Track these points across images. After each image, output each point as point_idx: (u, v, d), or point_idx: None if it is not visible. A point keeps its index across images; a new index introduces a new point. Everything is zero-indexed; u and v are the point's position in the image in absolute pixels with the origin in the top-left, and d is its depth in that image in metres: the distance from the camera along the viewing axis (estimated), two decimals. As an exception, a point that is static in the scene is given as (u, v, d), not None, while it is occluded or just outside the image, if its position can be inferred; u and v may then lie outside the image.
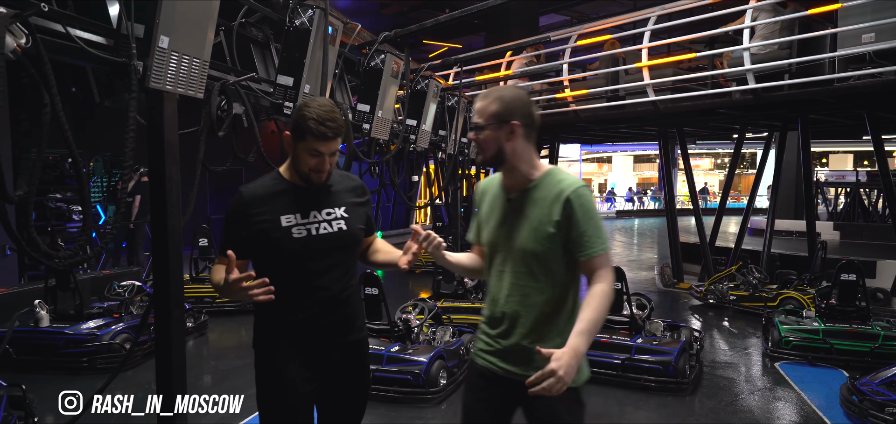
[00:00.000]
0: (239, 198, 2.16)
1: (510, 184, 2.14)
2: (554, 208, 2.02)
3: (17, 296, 6.32)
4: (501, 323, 2.12)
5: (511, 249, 2.09)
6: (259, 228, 2.12)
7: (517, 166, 2.09)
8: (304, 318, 2.18)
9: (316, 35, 4.06)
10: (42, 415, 4.50)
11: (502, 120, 2.05)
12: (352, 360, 2.31)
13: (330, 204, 2.23)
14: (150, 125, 3.09)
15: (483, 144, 2.08)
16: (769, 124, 9.86)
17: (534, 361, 2.01)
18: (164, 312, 3.15)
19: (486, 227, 2.19)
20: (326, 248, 2.19)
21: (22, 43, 2.32)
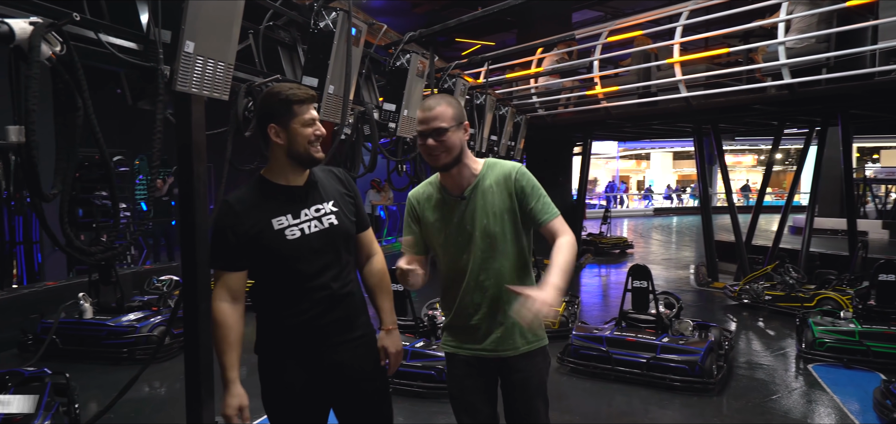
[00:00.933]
0: (226, 206, 2.12)
1: (457, 184, 2.28)
2: (506, 190, 2.25)
3: (64, 289, 6.64)
4: (481, 308, 2.27)
5: (475, 239, 2.25)
6: (250, 234, 2.08)
7: (466, 164, 2.27)
8: (304, 320, 2.13)
9: (339, 37, 4.15)
10: (84, 402, 4.73)
11: (460, 121, 2.22)
12: (360, 357, 2.24)
13: (318, 200, 2.19)
14: (178, 126, 3.22)
15: (449, 145, 2.19)
16: (809, 120, 9.59)
17: (515, 336, 2.28)
18: (191, 305, 3.28)
19: (436, 230, 2.32)
20: (321, 246, 2.14)
21: (57, 50, 2.45)
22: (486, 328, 2.28)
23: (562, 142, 12.42)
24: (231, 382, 2.10)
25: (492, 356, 2.30)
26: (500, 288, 2.25)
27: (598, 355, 5.28)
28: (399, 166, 6.10)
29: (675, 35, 7.88)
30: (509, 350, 2.28)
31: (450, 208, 2.29)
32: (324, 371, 2.19)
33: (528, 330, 2.28)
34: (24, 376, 4.13)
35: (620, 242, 14.46)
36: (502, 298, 2.24)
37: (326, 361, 2.18)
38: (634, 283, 5.66)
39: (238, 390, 2.10)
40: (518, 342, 2.29)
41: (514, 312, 2.04)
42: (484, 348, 2.29)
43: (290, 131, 2.11)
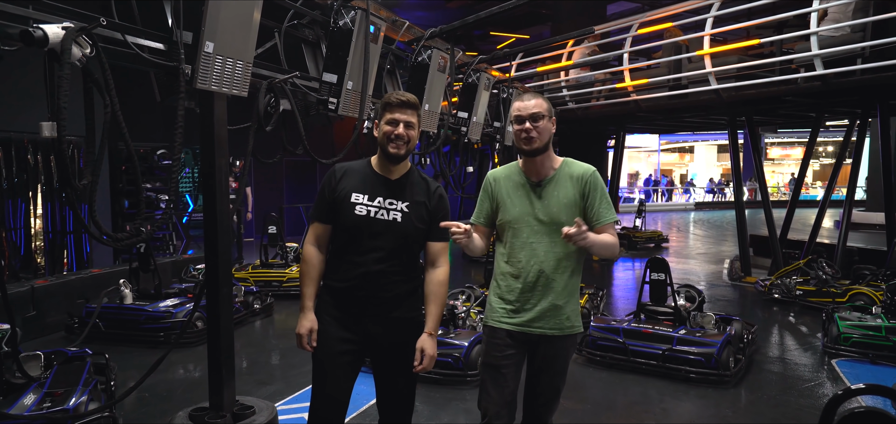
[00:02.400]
0: (332, 170, 2.56)
1: (536, 172, 2.58)
2: (577, 187, 2.54)
3: (108, 276, 7.02)
4: (535, 288, 2.53)
5: (544, 222, 2.52)
6: (337, 195, 2.47)
7: (548, 155, 2.57)
8: (344, 288, 2.47)
9: (358, 34, 4.32)
10: (123, 381, 5.04)
11: (552, 114, 2.56)
12: (393, 334, 2.50)
13: (397, 196, 2.48)
14: (202, 122, 3.44)
15: (542, 131, 2.50)
16: (848, 111, 9.34)
17: (561, 317, 2.54)
18: (213, 289, 3.51)
19: (509, 208, 2.58)
20: (377, 231, 2.44)
21: (87, 52, 2.68)
22: (538, 306, 2.53)
23: (594, 135, 12.39)
24: (307, 309, 2.49)
25: (537, 332, 2.54)
26: (556, 272, 2.52)
27: (614, 346, 5.33)
28: (422, 159, 6.25)
29: (706, 26, 7.80)
30: (554, 330, 2.54)
31: (526, 191, 2.58)
32: (360, 334, 2.48)
33: (572, 315, 2.56)
34: (68, 355, 4.45)
35: (655, 236, 14.31)
36: (556, 281, 2.52)
37: (362, 327, 2.48)
38: (652, 275, 5.68)
39: (311, 316, 2.48)
40: (564, 324, 2.55)
41: (564, 235, 2.34)
42: (531, 324, 2.54)
43: (380, 128, 2.49)
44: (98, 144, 2.72)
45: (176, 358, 5.57)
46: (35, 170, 8.23)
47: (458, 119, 6.68)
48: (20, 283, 6.72)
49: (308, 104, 4.49)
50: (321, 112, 4.47)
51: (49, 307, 6.41)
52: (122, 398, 4.01)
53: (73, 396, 3.70)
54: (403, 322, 2.52)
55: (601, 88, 9.68)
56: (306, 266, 2.53)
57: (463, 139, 7.04)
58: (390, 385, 2.57)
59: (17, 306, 6.08)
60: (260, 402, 3.94)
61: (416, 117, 2.50)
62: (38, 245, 8.54)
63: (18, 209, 8.34)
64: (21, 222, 8.30)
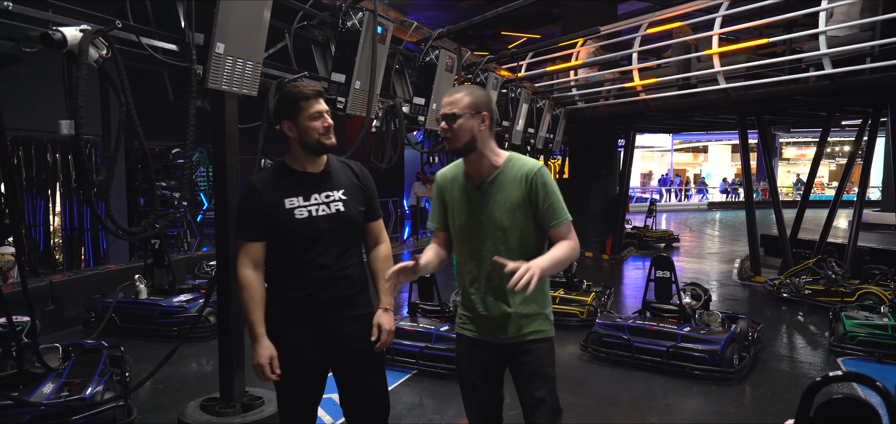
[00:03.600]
0: (250, 184, 2.38)
1: (477, 172, 2.37)
2: (522, 187, 2.31)
3: (124, 272, 7.17)
4: (486, 296, 2.38)
5: (488, 229, 2.34)
6: (267, 209, 2.32)
7: (484, 154, 2.35)
8: (305, 294, 2.34)
9: (365, 35, 4.41)
10: (139, 373, 5.18)
11: (476, 110, 2.30)
12: (356, 332, 2.42)
13: (330, 187, 2.40)
14: (213, 121, 3.55)
15: (457, 131, 2.29)
16: (860, 110, 9.29)
17: (520, 324, 2.37)
18: (224, 285, 3.61)
19: (456, 214, 2.42)
20: (325, 228, 2.35)
21: (103, 53, 2.79)
22: (492, 316, 2.38)
23: (604, 134, 12.40)
24: (260, 336, 2.32)
25: (497, 342, 2.41)
26: (504, 279, 2.24)
27: (619, 342, 5.38)
28: (430, 158, 6.33)
29: (715, 26, 7.81)
30: (514, 337, 2.38)
31: (468, 194, 2.39)
32: (322, 341, 2.41)
33: (529, 321, 2.38)
34: (85, 347, 4.59)
35: (666, 235, 14.28)
36: (504, 288, 2.28)
37: (325, 332, 2.40)
38: (657, 273, 5.73)
39: (267, 342, 2.32)
40: (523, 330, 2.38)
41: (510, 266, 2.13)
42: (490, 334, 2.42)
43: (299, 126, 2.34)
44: (114, 142, 2.84)
45: (188, 352, 5.70)
46: (54, 169, 8.43)
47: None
48: (39, 278, 6.90)
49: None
50: (330, 111, 4.55)
51: (67, 302, 6.58)
52: (136, 388, 4.14)
53: (89, 386, 3.83)
54: (363, 317, 2.46)
55: (610, 87, 9.71)
56: (248, 291, 2.33)
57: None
58: (362, 385, 2.49)
59: (36, 300, 6.24)
60: (269, 393, 4.05)
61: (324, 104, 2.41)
62: (57, 242, 8.75)
63: (38, 207, 8.55)
64: (40, 219, 8.50)
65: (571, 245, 2.32)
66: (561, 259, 2.28)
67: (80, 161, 2.65)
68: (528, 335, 2.39)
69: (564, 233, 2.33)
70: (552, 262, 2.24)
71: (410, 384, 4.94)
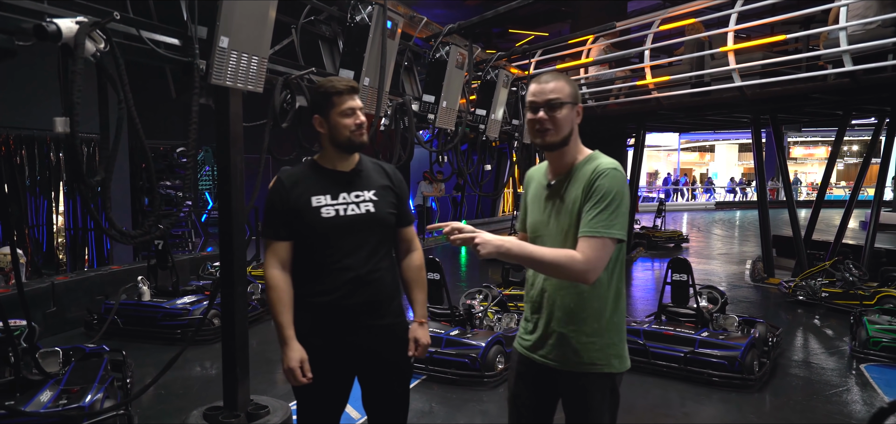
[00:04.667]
0: (278, 181, 2.29)
1: (555, 169, 2.13)
2: (584, 188, 2.01)
3: (127, 273, 7.06)
4: (540, 309, 2.13)
5: (551, 232, 2.09)
6: (294, 207, 2.22)
7: (570, 150, 2.09)
8: (330, 301, 2.22)
9: (375, 30, 4.26)
10: (141, 377, 5.05)
11: (575, 101, 2.07)
12: (385, 344, 2.31)
13: (360, 187, 2.29)
14: (217, 119, 3.41)
15: (560, 122, 2.02)
16: (877, 109, 9.10)
17: (571, 349, 2.05)
18: (228, 288, 3.47)
19: (530, 213, 2.21)
20: (353, 228, 2.23)
21: (101, 47, 2.65)
22: (541, 332, 2.12)
23: (614, 134, 12.22)
24: (289, 338, 2.20)
25: (539, 361, 2.13)
26: (559, 291, 2.07)
27: (635, 348, 5.22)
28: (440, 157, 6.19)
29: (730, 22, 7.63)
30: (558, 363, 2.08)
31: (542, 192, 2.16)
32: (347, 350, 2.27)
33: (585, 349, 2.03)
34: (86, 352, 4.46)
35: (675, 236, 14.11)
36: (560, 302, 2.06)
37: (350, 341, 2.26)
38: (674, 276, 5.56)
39: (297, 345, 2.20)
40: (570, 358, 2.06)
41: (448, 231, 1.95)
42: (536, 350, 2.16)
43: (330, 122, 2.25)
44: (112, 141, 2.70)
45: (192, 355, 5.57)
46: (57, 168, 8.32)
47: (476, 117, 6.60)
48: (41, 279, 6.79)
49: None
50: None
51: (69, 303, 6.46)
52: (137, 396, 4.01)
53: (89, 393, 3.70)
54: (393, 328, 2.34)
55: (622, 85, 9.53)
56: (276, 293, 2.22)
57: (481, 137, 6.97)
58: (388, 396, 2.38)
59: (38, 301, 6.13)
60: (274, 402, 3.91)
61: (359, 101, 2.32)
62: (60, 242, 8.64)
63: (41, 206, 8.44)
64: (43, 218, 8.40)
65: (571, 257, 1.94)
66: (539, 258, 1.97)
67: (76, 160, 2.51)
68: (580, 366, 2.05)
69: (583, 246, 1.94)
70: (526, 254, 1.97)
71: (420, 390, 4.80)
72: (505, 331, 5.34)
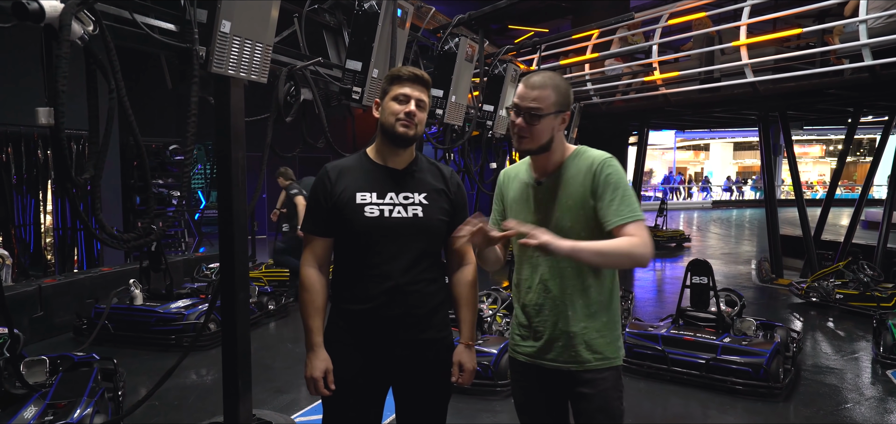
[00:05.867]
0: (324, 171, 2.12)
1: (541, 168, 2.08)
2: (586, 183, 1.98)
3: (118, 275, 6.77)
4: (542, 312, 2.06)
5: None
6: (337, 201, 2.05)
7: (556, 150, 2.05)
8: (367, 309, 2.04)
9: (384, 18, 4.01)
10: (134, 386, 4.78)
11: (560, 109, 2.00)
12: (423, 360, 2.11)
13: (410, 189, 2.09)
14: (217, 111, 3.14)
15: (538, 132, 1.97)
16: (890, 105, 8.92)
17: (585, 347, 2.03)
18: (229, 294, 3.21)
19: (513, 215, 2.12)
20: (397, 233, 2.04)
21: (89, 29, 2.38)
22: (547, 335, 2.06)
23: (615, 132, 12.01)
24: (316, 346, 2.07)
25: (549, 366, 2.07)
26: (564, 290, 2.02)
27: (653, 354, 4.99)
28: (447, 154, 5.93)
29: (742, 16, 7.41)
30: (571, 364, 2.04)
31: (528, 191, 2.11)
32: (382, 364, 2.09)
33: (595, 344, 2.03)
34: (74, 361, 4.19)
35: (677, 235, 13.94)
36: (566, 301, 2.02)
37: (386, 354, 2.08)
38: (694, 279, 5.33)
39: (323, 354, 2.06)
40: (582, 355, 2.03)
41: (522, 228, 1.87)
42: (542, 356, 2.09)
43: (383, 105, 2.10)
44: (102, 134, 2.43)
45: (188, 362, 5.25)
46: (45, 165, 8.00)
47: (484, 113, 6.35)
48: (28, 282, 6.49)
49: (329, 94, 4.19)
50: (343, 102, 4.16)
51: (57, 307, 6.17)
52: (130, 412, 3.73)
53: (77, 408, 3.44)
54: (435, 344, 2.13)
55: (631, 80, 9.29)
56: (309, 294, 2.07)
57: (487, 134, 6.72)
58: (421, 414, 2.18)
59: (24, 306, 5.84)
60: (278, 416, 3.66)
61: (427, 97, 2.11)
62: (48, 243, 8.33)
63: (28, 205, 8.12)
64: (31, 218, 8.08)
65: (633, 242, 1.89)
66: (609, 250, 1.89)
67: (62, 156, 2.24)
68: (592, 362, 2.03)
69: (631, 232, 1.90)
70: (596, 249, 1.88)
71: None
72: (517, 337, 5.09)
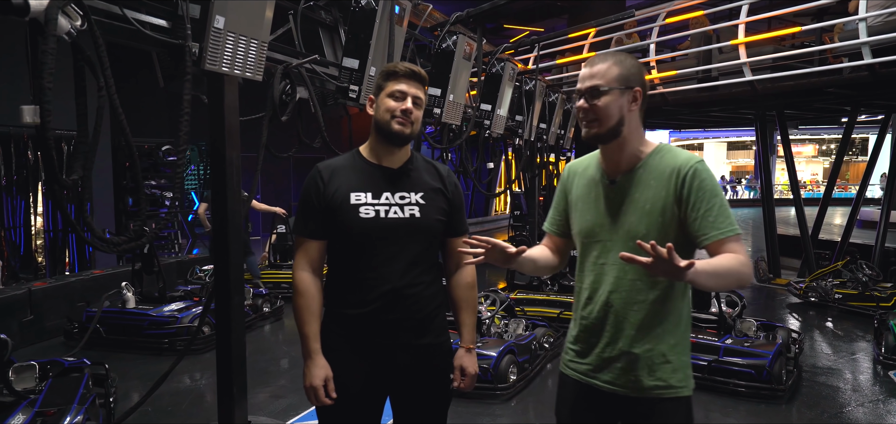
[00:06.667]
0: (315, 171, 2.04)
1: (614, 164, 1.85)
2: (669, 187, 1.75)
3: (110, 278, 6.65)
4: (603, 327, 1.84)
5: (615, 238, 1.82)
6: (330, 202, 1.97)
7: (629, 143, 1.81)
8: (364, 314, 1.97)
9: (382, 14, 3.92)
10: (126, 392, 4.68)
11: (627, 85, 1.77)
12: (423, 366, 2.03)
13: (406, 188, 2.02)
14: (211, 109, 3.05)
15: (603, 112, 1.76)
16: (887, 105, 8.89)
17: (647, 371, 1.78)
18: (224, 298, 3.12)
19: (579, 215, 1.92)
20: (394, 234, 1.97)
21: (77, 24, 2.29)
22: (605, 354, 1.84)
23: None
24: (314, 352, 1.98)
25: (604, 388, 1.85)
26: (630, 306, 1.79)
27: (654, 356, 4.93)
28: (444, 154, 5.85)
29: (741, 14, 7.35)
30: (627, 389, 1.81)
31: (598, 190, 1.88)
32: (380, 369, 2.01)
33: (658, 369, 1.77)
34: (64, 366, 4.08)
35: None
36: (631, 318, 1.79)
37: (385, 363, 2.01)
38: (695, 279, 5.27)
39: (322, 361, 1.98)
40: (643, 382, 1.78)
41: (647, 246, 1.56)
42: (595, 375, 1.87)
43: (378, 101, 2.03)
44: (91, 133, 2.34)
45: (182, 366, 5.13)
46: (35, 166, 7.88)
47: (481, 112, 6.27)
48: (18, 285, 6.37)
49: (326, 93, 4.10)
50: (340, 101, 4.07)
51: (48, 311, 6.06)
52: (123, 419, 3.65)
53: (67, 415, 3.34)
54: (433, 349, 2.06)
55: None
56: (303, 298, 1.99)
57: (484, 134, 6.64)
58: (421, 421, 2.10)
59: (13, 309, 5.73)
60: (274, 422, 3.57)
61: (424, 94, 2.04)
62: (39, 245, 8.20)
63: (18, 207, 7.99)
64: (21, 220, 7.96)
65: (741, 261, 1.68)
66: (724, 271, 1.65)
67: (49, 156, 2.15)
68: (654, 390, 1.78)
69: (732, 250, 1.70)
70: (712, 270, 1.63)
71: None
72: (516, 340, 5.02)
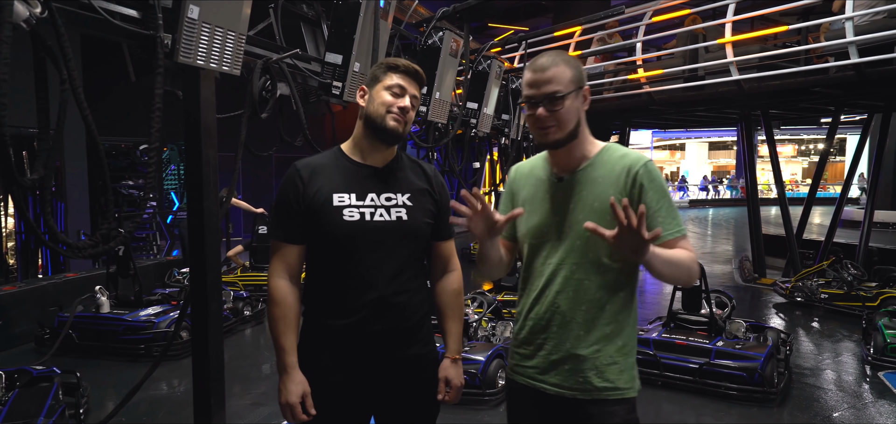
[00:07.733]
0: (293, 170, 1.89)
1: (563, 164, 1.80)
2: (619, 185, 1.72)
3: (85, 281, 6.43)
4: (549, 328, 1.78)
5: (563, 238, 1.76)
6: (311, 204, 1.83)
7: (579, 142, 1.77)
8: (349, 324, 1.83)
9: (366, 8, 3.78)
10: (100, 400, 4.49)
11: (579, 85, 1.73)
12: (408, 379, 1.92)
13: (392, 189, 1.90)
14: (186, 105, 2.89)
15: (563, 117, 1.70)
16: (870, 105, 8.93)
17: (594, 373, 1.73)
18: (201, 303, 2.96)
19: (526, 215, 1.85)
20: (379, 239, 1.84)
21: (37, 12, 2.13)
22: (552, 355, 1.78)
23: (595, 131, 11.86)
24: (290, 366, 1.84)
25: (551, 391, 1.79)
26: (577, 307, 1.75)
27: (644, 359, 4.83)
28: (429, 154, 5.73)
29: (728, 13, 7.31)
30: (575, 391, 1.76)
31: (545, 189, 1.82)
32: (364, 384, 1.88)
33: (606, 370, 1.73)
34: (33, 375, 3.91)
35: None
36: (578, 319, 1.75)
37: (372, 377, 1.88)
38: (685, 281, 5.19)
39: (299, 376, 1.84)
40: (590, 382, 1.74)
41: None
42: (542, 378, 1.80)
43: (371, 94, 1.90)
44: (53, 130, 2.18)
45: (158, 373, 4.94)
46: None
47: (468, 110, 6.15)
48: (-14, 289, 6.13)
49: (308, 89, 3.95)
50: (323, 98, 3.93)
51: (17, 316, 5.83)
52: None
53: (35, 426, 3.17)
54: (420, 360, 1.94)
55: (613, 79, 9.17)
56: (280, 308, 1.85)
57: (470, 132, 6.52)
58: None
59: (-20, 315, 5.50)
60: (254, 433, 3.41)
61: (419, 95, 1.95)
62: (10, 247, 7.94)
63: (-12, 208, 7.73)
64: (-10, 221, 7.69)
65: (692, 258, 1.71)
66: (676, 262, 1.67)
67: (5, 155, 1.98)
68: (603, 392, 1.73)
69: (685, 247, 1.71)
70: (668, 257, 1.65)
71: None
72: (505, 343, 4.90)
